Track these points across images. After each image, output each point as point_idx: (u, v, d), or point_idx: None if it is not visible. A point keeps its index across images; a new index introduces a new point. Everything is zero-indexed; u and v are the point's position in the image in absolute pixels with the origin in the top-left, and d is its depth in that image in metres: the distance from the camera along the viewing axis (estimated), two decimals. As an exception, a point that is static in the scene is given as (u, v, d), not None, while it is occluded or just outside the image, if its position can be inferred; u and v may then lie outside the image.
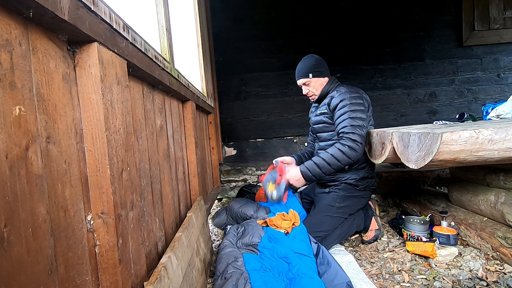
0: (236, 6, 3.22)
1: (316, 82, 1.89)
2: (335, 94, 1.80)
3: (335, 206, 1.77)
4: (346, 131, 1.67)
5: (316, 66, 1.87)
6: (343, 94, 1.76)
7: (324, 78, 1.89)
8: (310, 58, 1.90)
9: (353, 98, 1.73)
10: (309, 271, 1.27)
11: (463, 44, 3.35)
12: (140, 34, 0.88)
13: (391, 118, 3.43)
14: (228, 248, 1.51)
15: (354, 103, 1.72)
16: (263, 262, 1.37)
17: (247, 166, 3.33)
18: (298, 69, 1.92)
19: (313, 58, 1.89)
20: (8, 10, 0.43)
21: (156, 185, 1.04)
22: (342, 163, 1.66)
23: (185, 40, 2.35)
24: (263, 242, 1.53)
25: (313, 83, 1.89)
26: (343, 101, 1.73)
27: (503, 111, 1.85)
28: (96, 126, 0.62)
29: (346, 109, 1.71)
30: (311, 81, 1.89)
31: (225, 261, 1.37)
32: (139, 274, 0.75)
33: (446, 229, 1.59)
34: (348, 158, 1.65)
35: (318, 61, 1.88)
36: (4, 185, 0.40)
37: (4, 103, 0.42)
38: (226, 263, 1.35)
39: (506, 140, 1.06)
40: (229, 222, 2.09)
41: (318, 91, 1.91)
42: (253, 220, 1.82)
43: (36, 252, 0.45)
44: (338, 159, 1.65)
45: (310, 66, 1.88)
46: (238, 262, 1.35)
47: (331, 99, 1.81)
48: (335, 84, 1.88)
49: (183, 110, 1.59)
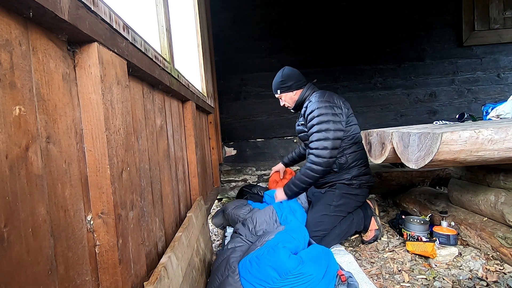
0: (236, 6, 3.22)
1: (286, 97, 1.98)
2: (308, 105, 1.85)
3: (332, 205, 1.78)
4: (311, 147, 1.79)
5: (282, 82, 1.95)
6: (312, 105, 1.82)
7: (292, 92, 1.96)
8: (279, 73, 1.98)
9: (320, 109, 1.77)
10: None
11: (463, 44, 3.35)
12: (140, 34, 0.88)
13: (391, 118, 3.43)
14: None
15: (321, 114, 1.76)
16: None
17: (247, 166, 3.33)
18: (272, 84, 2.03)
19: (281, 74, 1.97)
20: (8, 10, 0.43)
21: (156, 185, 1.04)
22: (311, 179, 1.79)
23: (185, 40, 2.35)
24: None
25: (284, 97, 1.99)
26: (312, 114, 1.80)
27: (503, 111, 1.85)
28: (96, 126, 0.62)
29: (313, 122, 1.78)
30: (282, 96, 1.99)
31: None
32: (139, 274, 0.75)
33: (446, 229, 1.59)
34: (315, 174, 1.77)
35: (286, 76, 1.94)
36: (4, 185, 0.40)
37: (4, 103, 0.42)
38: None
39: (506, 140, 1.06)
40: (225, 223, 2.14)
41: (291, 104, 2.00)
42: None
43: (36, 252, 0.45)
44: (307, 176, 1.79)
45: (277, 82, 1.98)
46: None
47: (305, 110, 1.87)
48: (310, 91, 1.93)
49: (183, 110, 1.59)
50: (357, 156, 1.84)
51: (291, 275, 1.14)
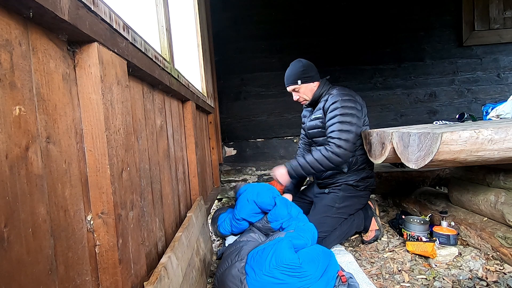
0: (236, 6, 3.22)
1: (306, 88, 1.85)
2: (329, 98, 1.78)
3: (334, 207, 1.77)
4: (333, 136, 1.70)
5: (304, 71, 1.83)
6: (334, 96, 1.75)
7: (313, 83, 1.86)
8: (298, 63, 1.86)
9: (344, 101, 1.72)
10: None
11: (463, 44, 3.35)
12: (140, 34, 0.88)
13: (391, 118, 3.43)
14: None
15: (345, 106, 1.71)
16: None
17: (247, 166, 3.33)
18: (287, 76, 1.88)
19: (301, 64, 1.85)
20: (8, 10, 0.43)
21: (156, 185, 1.04)
22: (324, 167, 1.72)
23: (185, 40, 2.35)
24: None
25: (303, 89, 1.86)
26: (334, 104, 1.73)
27: (503, 111, 1.85)
28: (96, 126, 0.62)
29: (337, 113, 1.71)
30: (301, 87, 1.85)
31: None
32: (139, 274, 0.75)
33: (446, 229, 1.59)
34: (331, 163, 1.70)
35: (306, 66, 1.85)
36: (4, 185, 0.40)
37: (4, 103, 0.42)
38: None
39: (506, 140, 1.06)
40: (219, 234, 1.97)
41: (309, 97, 1.87)
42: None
43: (36, 252, 0.45)
44: (321, 163, 1.71)
45: (298, 72, 1.84)
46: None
47: (325, 103, 1.80)
48: (327, 86, 1.86)
49: (183, 110, 1.59)
50: (367, 159, 1.79)
51: (287, 265, 1.16)
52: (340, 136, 1.67)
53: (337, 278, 1.21)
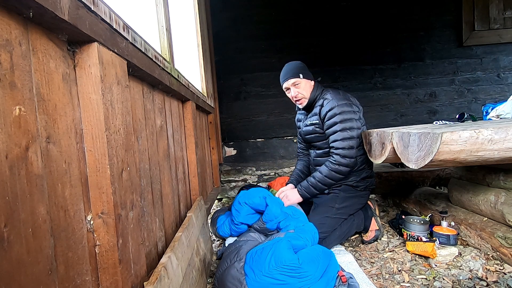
0: (236, 6, 3.22)
1: (306, 84, 1.82)
2: (324, 103, 1.76)
3: (334, 207, 1.77)
4: (336, 147, 1.71)
5: (304, 68, 1.84)
6: (330, 102, 1.73)
7: (312, 82, 1.85)
8: (296, 62, 1.87)
9: (341, 107, 1.71)
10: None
11: (463, 44, 3.35)
12: (140, 34, 0.88)
13: (391, 118, 3.43)
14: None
15: (342, 112, 1.70)
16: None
17: (247, 166, 3.33)
18: (286, 71, 1.83)
19: (299, 62, 1.87)
20: (8, 10, 0.43)
21: (156, 185, 1.04)
22: (335, 180, 1.75)
23: (185, 40, 2.35)
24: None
25: (303, 84, 1.80)
26: (332, 111, 1.71)
27: (503, 111, 1.85)
28: (96, 126, 0.62)
29: (336, 120, 1.70)
30: (301, 82, 1.80)
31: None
32: (139, 274, 0.75)
33: (446, 229, 1.59)
34: (340, 175, 1.72)
35: (304, 65, 1.86)
36: (4, 185, 0.40)
37: (4, 103, 0.42)
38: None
39: (506, 140, 1.06)
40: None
41: (308, 94, 1.83)
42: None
43: (36, 252, 0.45)
44: (331, 178, 1.73)
45: (299, 67, 1.82)
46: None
47: (320, 108, 1.78)
48: (320, 89, 1.85)
49: (183, 110, 1.59)
50: (367, 159, 1.78)
51: (286, 266, 1.16)
52: (344, 146, 1.68)
53: (337, 278, 1.21)
